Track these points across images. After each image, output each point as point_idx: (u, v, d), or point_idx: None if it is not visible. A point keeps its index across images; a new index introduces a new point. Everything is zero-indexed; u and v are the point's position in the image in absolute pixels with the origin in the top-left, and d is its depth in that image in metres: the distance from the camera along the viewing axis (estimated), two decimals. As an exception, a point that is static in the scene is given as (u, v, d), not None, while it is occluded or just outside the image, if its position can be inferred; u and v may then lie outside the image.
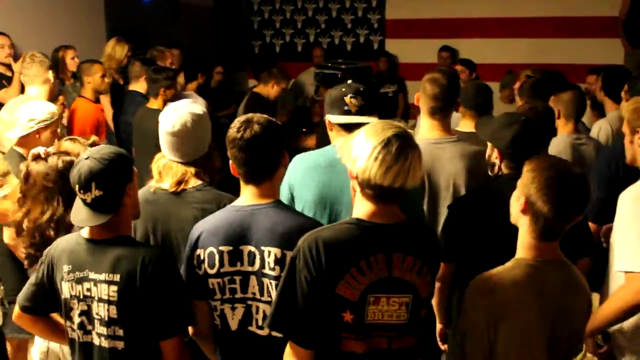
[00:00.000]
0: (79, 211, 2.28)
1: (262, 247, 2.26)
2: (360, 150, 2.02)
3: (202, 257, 2.31)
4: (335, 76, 6.28)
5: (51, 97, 4.75)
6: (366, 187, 2.03)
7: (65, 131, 4.85)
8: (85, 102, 5.34)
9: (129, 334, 2.25)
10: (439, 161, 3.01)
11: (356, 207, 2.11)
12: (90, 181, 2.22)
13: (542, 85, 4.26)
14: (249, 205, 2.33)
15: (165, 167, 2.64)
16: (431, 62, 7.68)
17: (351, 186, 2.13)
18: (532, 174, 2.13)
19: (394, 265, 2.03)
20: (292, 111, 7.21)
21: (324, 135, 2.95)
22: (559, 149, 3.68)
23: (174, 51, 6.75)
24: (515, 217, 2.23)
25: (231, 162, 2.36)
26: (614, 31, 7.29)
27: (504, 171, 2.78)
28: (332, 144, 2.82)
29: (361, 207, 2.09)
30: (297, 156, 2.83)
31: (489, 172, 2.84)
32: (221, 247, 2.28)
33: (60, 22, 6.53)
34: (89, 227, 2.31)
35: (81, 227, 2.37)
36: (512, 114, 3.05)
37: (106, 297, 2.24)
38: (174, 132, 2.61)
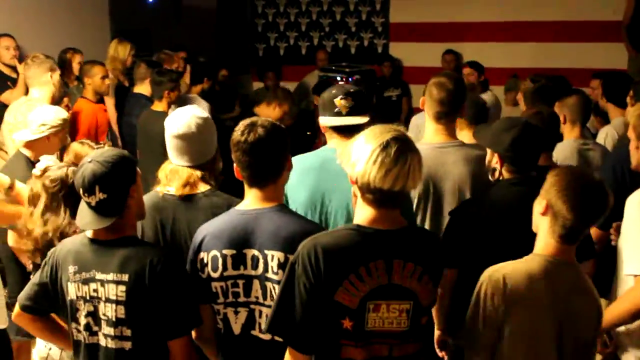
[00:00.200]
0: (84, 214, 2.29)
1: (266, 251, 2.25)
2: (359, 154, 2.02)
3: (205, 261, 2.31)
4: (328, 83, 6.23)
5: (54, 99, 4.76)
6: (366, 191, 2.03)
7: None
8: (85, 103, 5.37)
9: (136, 334, 2.25)
10: (443, 166, 3.00)
11: (357, 213, 2.11)
12: (94, 184, 2.23)
13: (546, 90, 4.26)
14: (253, 208, 2.33)
15: (171, 172, 2.64)
16: (435, 65, 7.68)
17: (352, 192, 2.12)
18: (553, 179, 2.22)
19: (394, 271, 2.02)
20: (297, 114, 7.18)
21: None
22: (565, 154, 3.67)
23: (181, 54, 6.77)
24: (536, 221, 2.28)
25: (235, 165, 2.36)
26: (617, 35, 7.28)
27: (505, 176, 2.76)
28: (327, 145, 2.85)
29: (362, 212, 2.08)
30: (292, 158, 2.83)
31: (489, 177, 2.84)
32: (225, 251, 2.28)
33: (65, 24, 6.55)
34: (93, 229, 2.32)
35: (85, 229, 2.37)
36: (511, 118, 3.05)
37: (114, 297, 2.24)
38: (180, 136, 2.61)
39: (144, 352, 2.28)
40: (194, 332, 2.38)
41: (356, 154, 2.03)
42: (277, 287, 2.21)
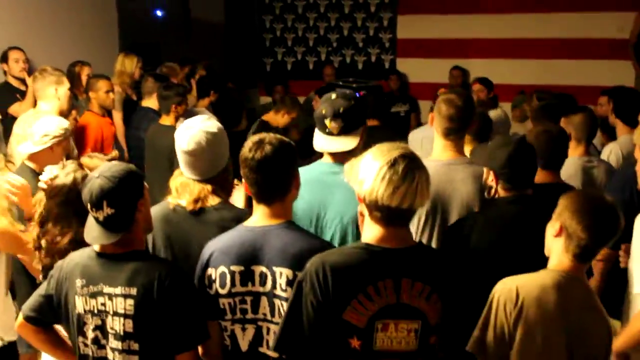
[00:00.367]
0: (91, 229, 2.29)
1: (274, 268, 2.25)
2: (366, 171, 2.02)
3: (213, 277, 2.31)
4: (332, 88, 6.27)
5: (63, 112, 4.77)
6: (374, 209, 2.02)
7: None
8: (91, 116, 5.41)
9: (144, 348, 2.25)
10: (452, 183, 2.99)
11: (365, 232, 2.10)
12: (101, 199, 2.23)
13: (552, 107, 4.26)
14: (261, 225, 2.32)
15: (182, 185, 2.63)
16: (442, 81, 7.70)
17: (359, 211, 2.12)
18: (565, 201, 2.26)
19: (403, 290, 2.01)
20: (305, 129, 7.20)
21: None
22: (569, 172, 3.66)
23: (185, 69, 6.81)
24: (548, 243, 2.30)
25: (244, 181, 2.36)
26: (624, 53, 7.29)
27: (500, 194, 2.75)
28: (321, 159, 2.88)
29: (370, 231, 2.07)
30: None
31: (485, 195, 2.82)
32: (233, 267, 2.28)
33: (74, 38, 6.60)
34: (100, 243, 2.32)
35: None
36: (507, 135, 3.04)
37: (122, 311, 2.24)
38: (189, 151, 2.61)
39: None
40: (201, 349, 2.36)
41: (364, 172, 2.03)
42: (285, 304, 2.20)
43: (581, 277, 2.27)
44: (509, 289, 2.21)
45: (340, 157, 2.79)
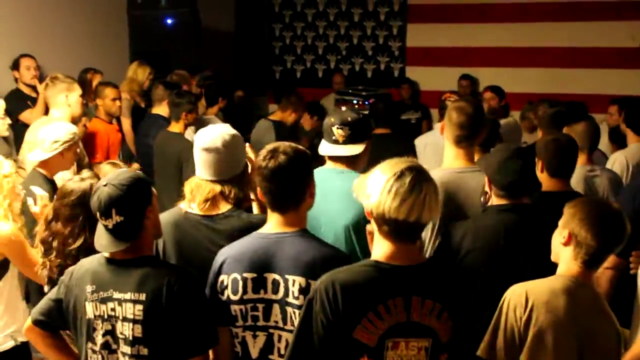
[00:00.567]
0: (101, 237, 2.31)
1: (287, 276, 2.25)
2: (374, 185, 2.01)
3: (225, 283, 2.31)
4: (319, 106, 6.63)
5: (74, 119, 4.79)
6: (382, 222, 2.01)
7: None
8: (98, 122, 5.44)
9: (153, 353, 2.25)
10: (463, 191, 2.99)
11: (375, 249, 2.09)
12: (110, 207, 2.24)
13: (561, 116, 4.25)
14: (274, 232, 2.33)
15: (196, 186, 2.63)
16: (450, 90, 7.66)
17: (367, 230, 2.11)
18: (572, 209, 2.27)
19: (413, 309, 1.99)
20: (314, 136, 7.22)
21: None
22: (571, 181, 3.64)
23: (197, 77, 6.83)
24: (556, 251, 2.31)
25: (258, 189, 2.38)
26: (635, 62, 7.27)
27: (494, 201, 2.74)
28: (324, 166, 2.92)
29: (379, 248, 2.06)
30: None
31: (480, 201, 2.82)
32: (245, 274, 2.28)
33: (85, 45, 6.64)
34: (110, 249, 2.33)
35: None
36: (508, 143, 3.03)
37: (131, 316, 2.24)
38: (207, 148, 2.61)
39: None
40: (211, 355, 2.36)
41: (371, 186, 2.03)
42: (297, 312, 2.20)
43: (589, 283, 2.30)
44: (519, 293, 2.23)
45: (341, 162, 2.84)
